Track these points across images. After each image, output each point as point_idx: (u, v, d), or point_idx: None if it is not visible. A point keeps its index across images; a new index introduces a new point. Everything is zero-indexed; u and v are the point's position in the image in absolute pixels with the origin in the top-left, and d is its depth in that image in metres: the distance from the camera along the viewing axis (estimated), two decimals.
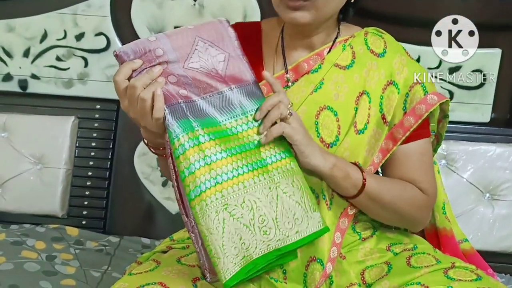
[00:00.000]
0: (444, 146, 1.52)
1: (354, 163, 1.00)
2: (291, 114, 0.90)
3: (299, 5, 0.95)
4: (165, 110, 0.83)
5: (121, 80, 0.84)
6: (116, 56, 0.85)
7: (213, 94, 0.88)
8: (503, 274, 1.42)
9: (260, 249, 0.85)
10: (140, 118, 0.85)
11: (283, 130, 0.89)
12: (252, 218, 0.85)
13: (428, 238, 1.14)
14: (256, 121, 0.90)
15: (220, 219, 0.82)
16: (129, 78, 0.84)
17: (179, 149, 0.83)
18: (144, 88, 0.83)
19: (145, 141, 0.95)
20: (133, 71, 0.84)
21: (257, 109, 0.90)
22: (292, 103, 0.91)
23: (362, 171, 0.98)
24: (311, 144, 0.92)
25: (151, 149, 0.95)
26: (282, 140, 0.91)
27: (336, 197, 1.01)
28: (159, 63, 0.85)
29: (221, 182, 0.84)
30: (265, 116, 0.89)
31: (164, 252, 1.05)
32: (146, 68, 0.84)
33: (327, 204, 1.00)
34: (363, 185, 0.97)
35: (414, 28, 1.46)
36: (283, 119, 0.90)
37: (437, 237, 1.13)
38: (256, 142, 0.88)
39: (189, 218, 0.86)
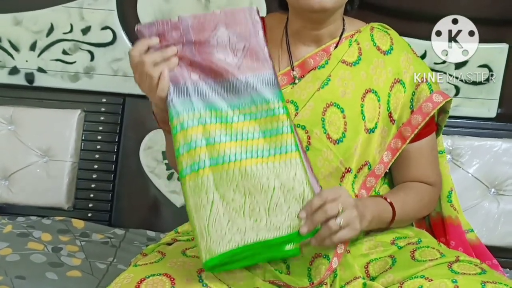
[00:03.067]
0: (449, 141, 1.52)
1: (383, 197, 1.02)
2: (340, 224, 0.86)
3: None
4: (169, 89, 0.85)
5: (135, 54, 0.86)
6: (137, 31, 0.88)
7: (223, 81, 0.87)
8: (508, 269, 1.42)
9: (248, 236, 0.83)
10: (148, 93, 0.88)
11: (346, 238, 0.88)
12: (243, 204, 0.83)
13: (435, 227, 1.15)
14: (263, 111, 0.87)
15: (209, 200, 0.82)
16: None
17: (177, 127, 0.84)
18: (154, 66, 0.85)
19: (155, 115, 0.96)
20: (149, 48, 0.86)
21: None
22: (344, 203, 0.87)
23: (392, 205, 1.00)
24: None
25: (159, 123, 0.96)
26: (289, 132, 0.88)
27: None
28: (175, 44, 0.86)
29: (216, 164, 0.83)
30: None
31: (169, 244, 1.06)
32: (162, 46, 0.86)
33: None
34: (393, 219, 1.00)
35: (420, 22, 1.45)
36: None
37: (443, 226, 1.14)
38: (260, 133, 0.87)
39: None
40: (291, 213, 0.85)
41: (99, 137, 1.63)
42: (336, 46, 1.05)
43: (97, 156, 1.62)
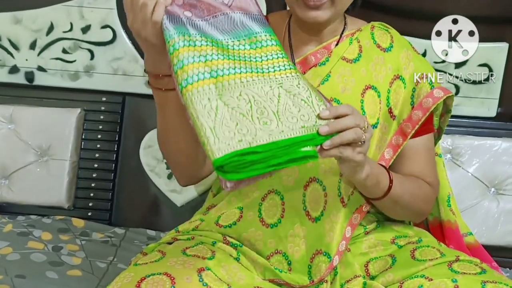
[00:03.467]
0: (449, 140, 1.52)
1: (381, 165, 1.00)
2: (364, 141, 0.85)
3: (320, 4, 0.96)
4: (164, 16, 0.84)
5: None
6: None
7: (217, 15, 0.87)
8: (508, 269, 1.42)
9: (260, 136, 0.77)
10: (142, 28, 0.86)
11: (354, 158, 0.84)
12: (250, 109, 0.80)
13: (432, 231, 1.15)
14: (257, 42, 0.87)
15: (213, 106, 0.79)
16: None
17: (173, 46, 0.83)
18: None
19: (148, 73, 0.94)
20: None
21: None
22: (369, 124, 0.86)
23: (389, 174, 0.98)
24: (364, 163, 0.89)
25: (151, 81, 0.94)
26: (284, 57, 0.88)
27: (355, 195, 1.01)
28: None
29: (216, 76, 0.82)
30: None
31: (169, 243, 1.06)
32: None
33: (342, 201, 1.00)
34: (389, 188, 0.98)
35: (420, 21, 1.45)
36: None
37: (441, 230, 1.14)
38: (257, 57, 0.86)
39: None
40: (303, 115, 0.81)
41: (99, 136, 1.63)
42: (337, 44, 1.06)
43: (97, 155, 1.62)
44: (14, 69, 1.65)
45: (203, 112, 0.78)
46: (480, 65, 1.51)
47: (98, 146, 1.62)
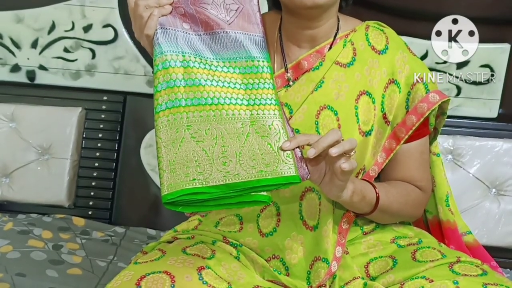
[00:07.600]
0: (451, 141, 1.52)
1: (366, 180, 0.99)
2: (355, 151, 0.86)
3: None
4: (157, 30, 0.86)
5: (131, 1, 0.89)
6: None
7: (213, 33, 0.89)
8: (508, 270, 1.42)
9: (214, 177, 0.81)
10: (140, 35, 0.89)
11: (351, 167, 0.85)
12: (213, 146, 0.83)
13: (432, 230, 1.14)
14: (247, 67, 0.89)
15: (178, 137, 0.82)
16: None
17: (158, 66, 0.84)
18: (146, 9, 0.87)
19: None
20: None
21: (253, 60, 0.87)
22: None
23: (374, 187, 0.98)
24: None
25: None
26: (270, 88, 0.89)
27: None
28: None
29: (191, 105, 0.84)
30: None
31: (169, 242, 1.05)
32: None
33: (333, 208, 1.00)
34: (377, 202, 0.97)
35: (421, 22, 1.45)
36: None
37: (440, 229, 1.13)
38: (243, 85, 0.88)
39: None
40: (264, 159, 0.83)
41: (100, 135, 1.63)
42: (330, 47, 1.03)
43: (97, 154, 1.62)
44: (15, 68, 1.65)
45: (168, 142, 0.82)
46: (482, 66, 1.51)
47: (99, 145, 1.63)
